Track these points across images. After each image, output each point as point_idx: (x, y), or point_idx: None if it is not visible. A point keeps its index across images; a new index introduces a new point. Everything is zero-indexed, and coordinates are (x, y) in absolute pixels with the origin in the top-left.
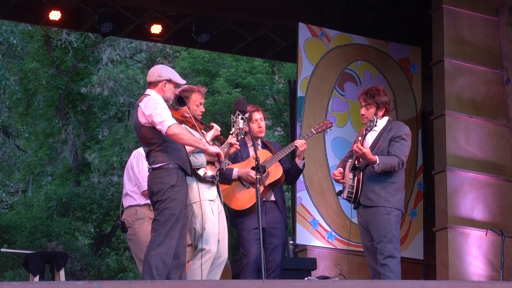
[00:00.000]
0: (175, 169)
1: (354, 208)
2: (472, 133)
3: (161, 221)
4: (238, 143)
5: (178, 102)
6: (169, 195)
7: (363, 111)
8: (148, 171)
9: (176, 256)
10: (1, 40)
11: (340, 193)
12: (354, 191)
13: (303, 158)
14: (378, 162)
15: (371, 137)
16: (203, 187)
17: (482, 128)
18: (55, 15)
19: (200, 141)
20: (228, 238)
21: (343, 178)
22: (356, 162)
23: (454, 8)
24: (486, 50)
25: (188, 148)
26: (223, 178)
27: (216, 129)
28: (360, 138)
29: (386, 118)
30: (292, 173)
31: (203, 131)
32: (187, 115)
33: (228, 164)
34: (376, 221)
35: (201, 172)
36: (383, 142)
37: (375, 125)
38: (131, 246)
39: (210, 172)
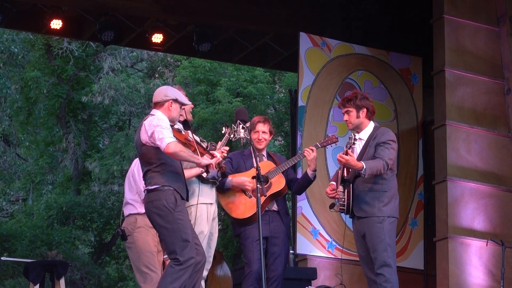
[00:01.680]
0: (171, 190)
1: (350, 217)
2: (473, 143)
3: (177, 245)
4: (226, 153)
5: (183, 125)
6: (173, 217)
7: (345, 117)
8: (144, 192)
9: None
10: (2, 48)
11: (332, 206)
12: (346, 203)
13: (315, 170)
14: (364, 167)
15: (358, 146)
16: (204, 188)
17: (483, 138)
18: (56, 24)
19: (195, 156)
20: (229, 248)
21: (336, 193)
22: (344, 174)
23: (455, 18)
24: (487, 60)
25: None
26: (218, 187)
27: (217, 158)
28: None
29: (372, 125)
30: (301, 183)
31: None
32: (191, 139)
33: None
34: (370, 230)
35: (204, 174)
36: (369, 150)
37: (354, 143)
38: (129, 254)
39: (211, 173)
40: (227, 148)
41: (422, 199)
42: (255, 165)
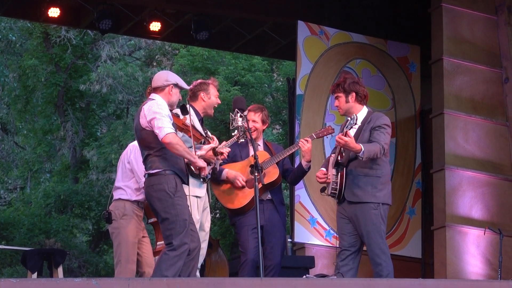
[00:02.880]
0: (172, 175)
1: (338, 204)
2: (471, 132)
3: (174, 229)
4: (226, 154)
5: (181, 110)
6: (173, 201)
7: (335, 103)
8: (144, 176)
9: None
10: (0, 37)
11: (323, 189)
12: (338, 187)
13: (309, 161)
14: (363, 150)
15: (352, 131)
16: (194, 182)
17: (480, 127)
18: (54, 12)
19: (191, 153)
20: (227, 236)
21: (326, 178)
22: (339, 158)
23: (453, 7)
24: (485, 49)
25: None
26: (213, 177)
27: (215, 142)
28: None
29: (365, 110)
30: (296, 174)
31: (201, 142)
32: (188, 124)
33: (222, 164)
34: (365, 216)
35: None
36: (364, 134)
37: (355, 123)
38: (112, 238)
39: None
40: (229, 149)
41: (420, 188)
42: (251, 154)
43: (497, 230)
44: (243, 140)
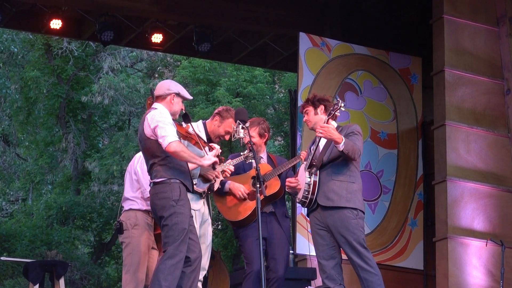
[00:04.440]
0: (177, 183)
1: (308, 214)
2: (473, 143)
3: (172, 237)
4: (229, 173)
5: (183, 119)
6: (174, 210)
7: (304, 118)
8: (150, 185)
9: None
10: (2, 48)
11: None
12: (311, 190)
13: None
14: (344, 140)
15: (322, 144)
16: (190, 197)
17: (482, 138)
18: (56, 23)
19: (197, 157)
20: (228, 248)
21: (298, 184)
22: (312, 161)
23: (455, 18)
24: (486, 61)
25: (190, 166)
26: (216, 190)
27: (217, 150)
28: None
29: (335, 124)
30: None
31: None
32: (191, 132)
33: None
34: (345, 226)
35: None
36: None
37: (340, 108)
38: (123, 248)
39: (201, 186)
40: (233, 169)
41: (421, 199)
42: (254, 166)
43: (499, 241)
44: (252, 160)
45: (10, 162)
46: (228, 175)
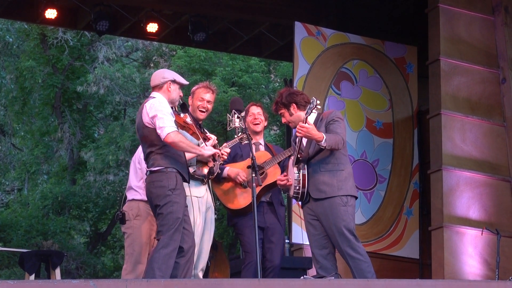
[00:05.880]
0: (174, 173)
1: (302, 207)
2: (468, 132)
3: (166, 226)
4: (226, 156)
5: (181, 108)
6: (170, 199)
7: (283, 120)
8: (146, 174)
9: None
10: None
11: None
12: (301, 185)
13: None
14: (325, 137)
15: (313, 115)
16: (192, 183)
17: (478, 127)
18: (51, 13)
19: (196, 147)
20: (224, 237)
21: (287, 181)
22: (298, 156)
23: (450, 7)
24: (482, 50)
25: (187, 155)
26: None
27: (214, 140)
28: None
29: (314, 114)
30: None
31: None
32: (189, 121)
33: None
34: (334, 213)
35: (191, 169)
36: (320, 131)
37: (315, 106)
38: (125, 238)
39: (200, 171)
40: (229, 151)
41: (417, 188)
42: (251, 154)
43: (494, 230)
44: (247, 141)
45: (6, 152)
46: (225, 159)
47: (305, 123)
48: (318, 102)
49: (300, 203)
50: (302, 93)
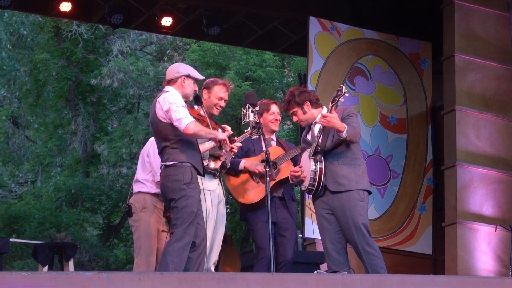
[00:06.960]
0: (188, 167)
1: (314, 200)
2: (482, 128)
3: (180, 219)
4: (237, 149)
5: (195, 101)
6: (185, 193)
7: (294, 119)
8: (160, 168)
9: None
10: (12, 31)
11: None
12: (318, 177)
13: None
14: (346, 128)
15: (316, 128)
16: (204, 177)
17: (492, 123)
18: (65, 6)
19: (212, 131)
20: (237, 231)
21: (301, 173)
22: (316, 148)
23: (465, 3)
24: (497, 46)
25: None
26: (230, 169)
27: (228, 131)
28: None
29: (325, 109)
30: None
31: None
32: (203, 114)
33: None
34: (352, 208)
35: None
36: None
37: (344, 94)
38: (132, 231)
39: (213, 164)
40: (240, 145)
41: (431, 184)
42: (264, 149)
43: (508, 227)
44: (257, 136)
45: (19, 144)
46: (236, 152)
47: (330, 112)
48: (346, 90)
49: (311, 196)
50: (310, 91)
